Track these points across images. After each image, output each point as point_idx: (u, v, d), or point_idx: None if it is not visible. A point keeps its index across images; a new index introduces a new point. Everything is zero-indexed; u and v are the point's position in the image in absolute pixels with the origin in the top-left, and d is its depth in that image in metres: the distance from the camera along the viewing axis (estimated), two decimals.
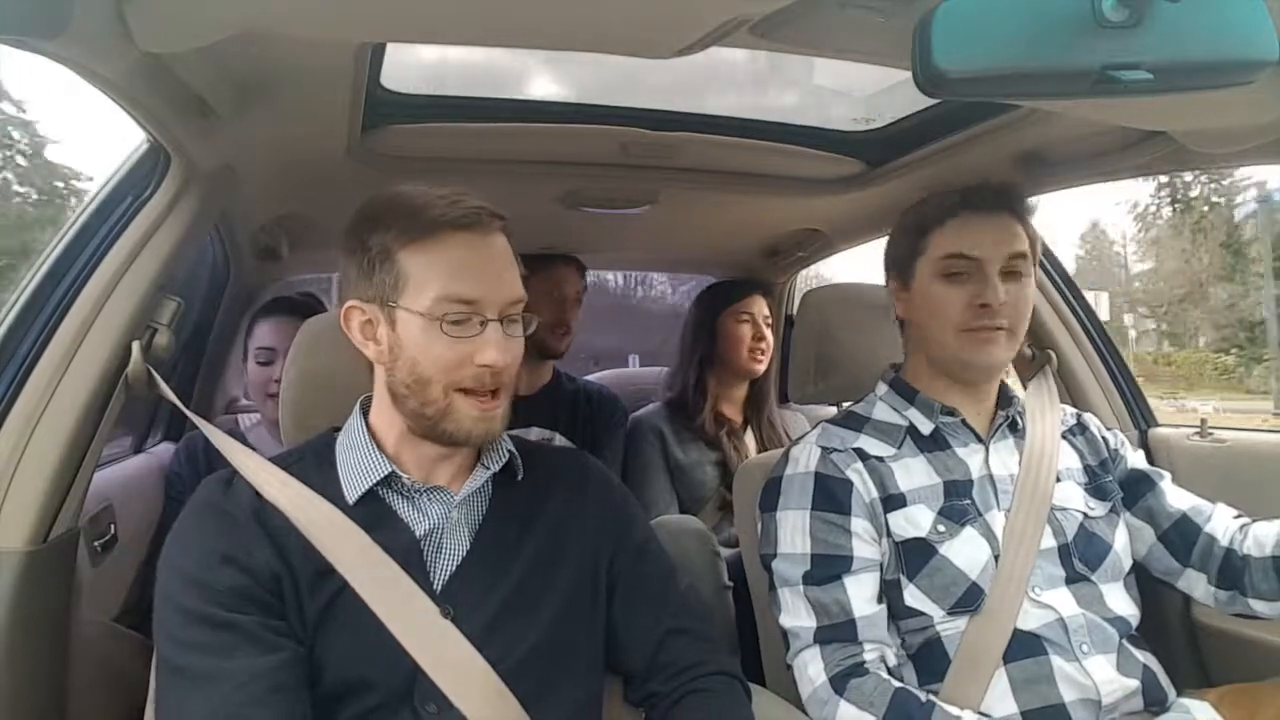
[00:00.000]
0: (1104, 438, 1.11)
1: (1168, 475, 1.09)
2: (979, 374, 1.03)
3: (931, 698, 0.89)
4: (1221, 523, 1.02)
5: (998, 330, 0.98)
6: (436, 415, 0.77)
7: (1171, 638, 1.25)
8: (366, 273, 0.78)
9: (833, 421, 1.09)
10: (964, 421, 1.03)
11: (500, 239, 0.79)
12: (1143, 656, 0.95)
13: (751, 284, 1.92)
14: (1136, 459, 1.11)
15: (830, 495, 0.98)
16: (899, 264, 1.05)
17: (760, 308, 1.85)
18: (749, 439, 1.84)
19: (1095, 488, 1.04)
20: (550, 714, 0.76)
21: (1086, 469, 1.06)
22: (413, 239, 0.76)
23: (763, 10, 0.71)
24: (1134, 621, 0.98)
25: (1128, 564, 1.01)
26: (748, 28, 0.75)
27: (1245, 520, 1.02)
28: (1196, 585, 1.02)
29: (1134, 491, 1.06)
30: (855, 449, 1.01)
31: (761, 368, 1.82)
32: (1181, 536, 1.02)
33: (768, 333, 1.83)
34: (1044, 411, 1.07)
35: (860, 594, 0.95)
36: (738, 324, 1.82)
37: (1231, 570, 0.98)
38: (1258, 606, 0.97)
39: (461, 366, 0.76)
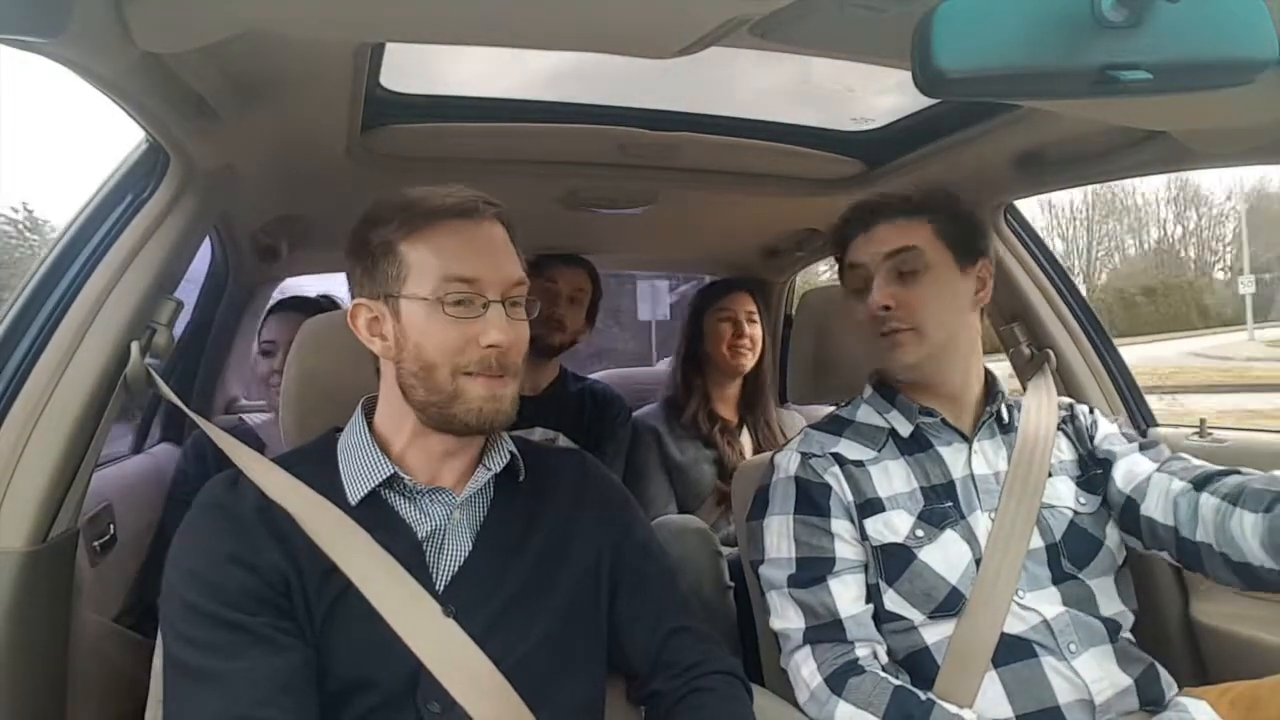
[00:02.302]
0: (1085, 423, 1.08)
1: (1126, 453, 1.03)
2: (902, 376, 1.04)
3: (931, 696, 0.89)
4: (1158, 502, 0.96)
5: (898, 333, 0.99)
6: (445, 400, 0.77)
7: (1170, 636, 1.26)
8: (370, 270, 0.80)
9: (815, 426, 1.09)
10: (944, 420, 1.03)
11: (498, 227, 0.81)
12: (1139, 655, 0.95)
13: (735, 282, 1.93)
14: (1103, 434, 1.06)
15: (810, 499, 0.99)
16: (841, 275, 1.10)
17: (743, 305, 1.86)
18: (745, 439, 1.85)
19: (1086, 480, 1.03)
20: (552, 712, 0.76)
21: (1079, 460, 1.05)
22: (413, 229, 0.78)
23: (763, 10, 0.71)
24: (1126, 619, 0.97)
25: (1121, 557, 1.00)
26: (748, 28, 0.75)
27: (1184, 484, 0.95)
28: (1169, 560, 0.97)
29: (1108, 478, 1.02)
30: (833, 454, 1.01)
31: (744, 364, 1.83)
32: (1133, 522, 0.98)
33: (750, 329, 1.84)
34: (1040, 409, 1.06)
35: (846, 594, 0.95)
36: (719, 322, 1.84)
37: (1189, 554, 0.93)
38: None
39: (466, 348, 0.76)
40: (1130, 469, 1.01)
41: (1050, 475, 1.00)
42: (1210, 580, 0.93)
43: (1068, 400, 1.13)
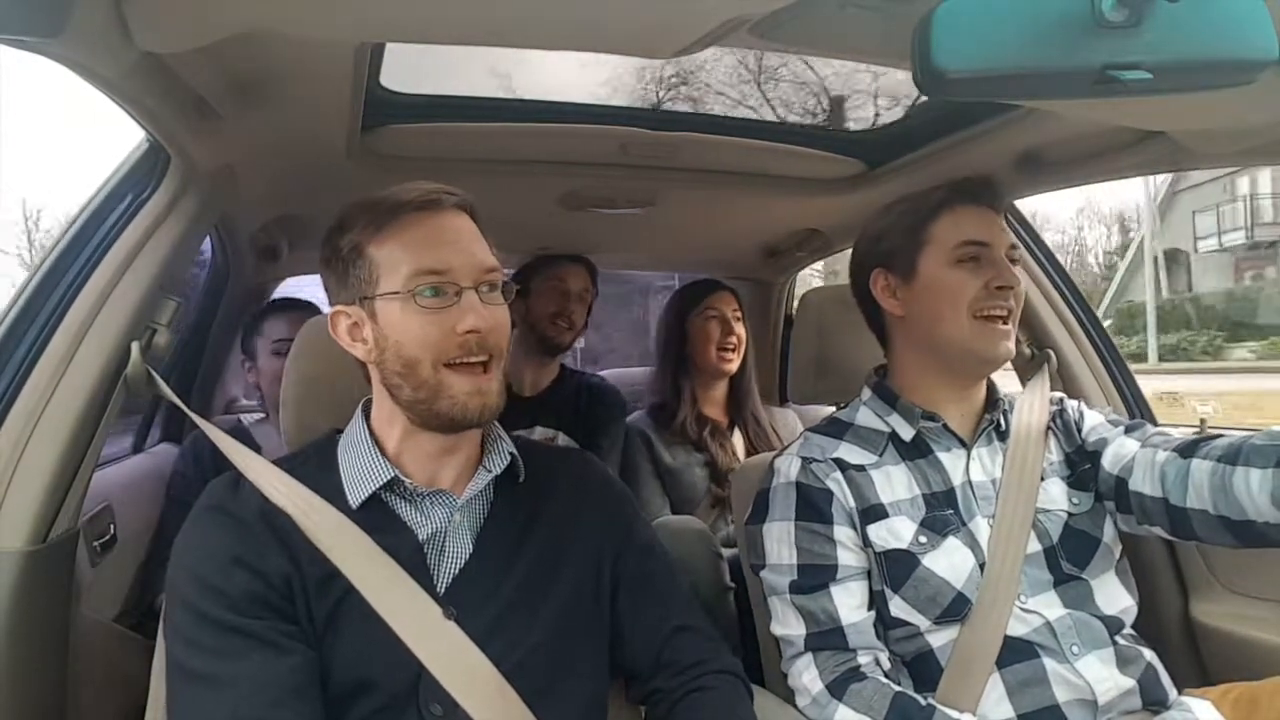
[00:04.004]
0: (1073, 416, 1.08)
1: (1114, 438, 1.02)
2: (985, 367, 1.02)
3: (931, 701, 0.89)
4: (1145, 475, 0.95)
5: (1007, 319, 0.98)
6: (430, 397, 0.76)
7: (1170, 637, 1.26)
8: (343, 276, 0.79)
9: (815, 430, 1.08)
10: (946, 426, 1.02)
11: (464, 218, 0.81)
12: (1142, 655, 0.95)
13: (716, 283, 1.91)
14: (1090, 425, 1.06)
15: (812, 505, 0.98)
16: (893, 259, 1.04)
17: (728, 305, 1.85)
18: (737, 439, 1.84)
19: (1077, 478, 1.03)
20: (554, 713, 0.76)
21: (1067, 459, 1.04)
22: (378, 229, 0.77)
23: (763, 10, 0.71)
24: (1128, 616, 0.97)
25: (1118, 550, 1.00)
26: (748, 28, 0.75)
27: (1168, 454, 0.94)
28: (1163, 534, 0.97)
29: (1098, 468, 1.02)
30: (834, 459, 1.01)
31: (732, 365, 1.82)
32: (1125, 501, 0.98)
33: (737, 328, 1.83)
34: (1033, 409, 1.06)
35: (848, 602, 0.95)
36: (705, 321, 1.82)
37: (1180, 522, 0.92)
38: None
39: (444, 339, 0.76)
40: (1118, 451, 1.01)
41: (1042, 479, 1.00)
42: (1203, 544, 0.92)
43: (1058, 395, 1.13)
